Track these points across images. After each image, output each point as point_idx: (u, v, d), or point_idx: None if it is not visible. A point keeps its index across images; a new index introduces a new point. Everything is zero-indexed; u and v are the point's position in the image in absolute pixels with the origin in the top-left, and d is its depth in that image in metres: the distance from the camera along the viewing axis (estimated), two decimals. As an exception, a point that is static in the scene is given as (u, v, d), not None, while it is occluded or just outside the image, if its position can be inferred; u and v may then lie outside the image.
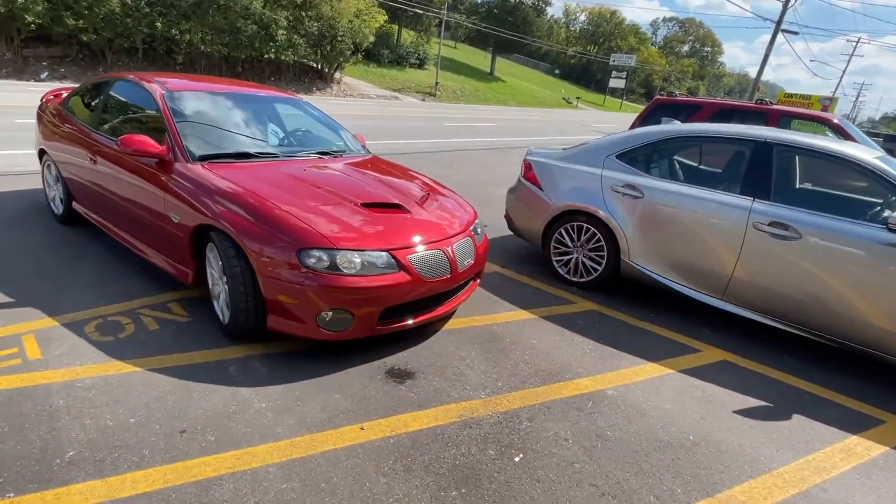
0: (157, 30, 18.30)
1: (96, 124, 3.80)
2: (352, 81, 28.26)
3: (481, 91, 37.70)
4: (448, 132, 14.70)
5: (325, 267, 2.51)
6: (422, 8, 33.69)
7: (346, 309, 2.56)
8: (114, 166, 3.43)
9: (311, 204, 2.82)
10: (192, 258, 2.97)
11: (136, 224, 3.39)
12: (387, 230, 2.81)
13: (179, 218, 2.92)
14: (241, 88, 4.15)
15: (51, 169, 4.41)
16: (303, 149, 3.82)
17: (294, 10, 21.89)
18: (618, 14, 70.94)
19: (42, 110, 4.65)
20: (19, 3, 14.96)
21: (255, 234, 2.59)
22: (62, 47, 17.73)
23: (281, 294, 2.55)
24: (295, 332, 2.64)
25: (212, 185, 2.85)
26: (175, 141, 3.12)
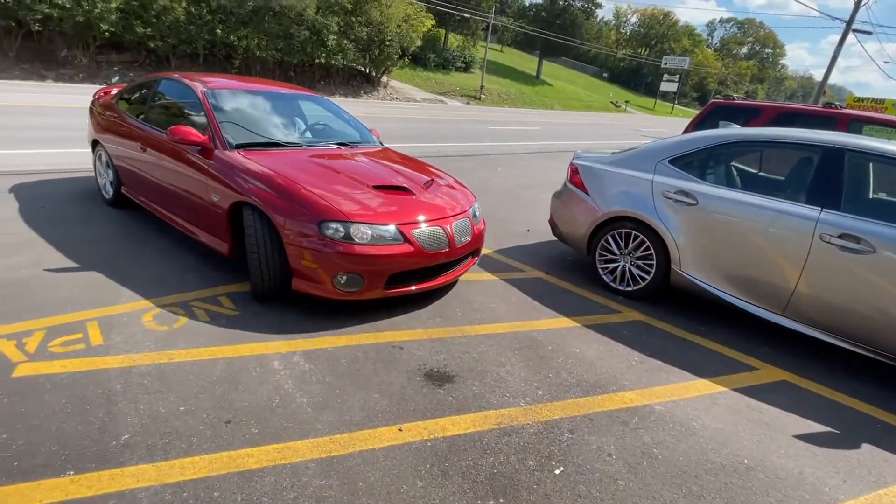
0: (217, 36, 19.25)
1: (145, 117, 4.28)
2: (398, 85, 28.71)
3: (527, 94, 37.38)
4: (492, 136, 14.64)
5: (341, 237, 2.96)
6: (469, 11, 33.79)
7: (358, 273, 3.01)
8: (162, 154, 3.88)
9: (329, 185, 3.27)
10: (229, 232, 3.39)
11: (179, 204, 3.82)
12: (394, 208, 3.25)
13: (219, 197, 3.36)
14: (271, 87, 4.66)
15: (102, 158, 4.83)
16: (324, 139, 4.35)
17: (345, 15, 22.47)
18: (671, 15, 68.66)
19: (94, 105, 5.13)
20: (96, 12, 16.10)
21: (283, 208, 3.03)
22: (132, 53, 18.95)
23: (303, 260, 3.01)
24: (315, 291, 3.08)
25: (246, 169, 3.29)
26: (215, 131, 3.59)
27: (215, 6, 18.95)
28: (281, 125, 4.16)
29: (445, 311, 3.49)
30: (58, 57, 17.02)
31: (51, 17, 15.60)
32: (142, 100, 4.54)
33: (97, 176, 5.04)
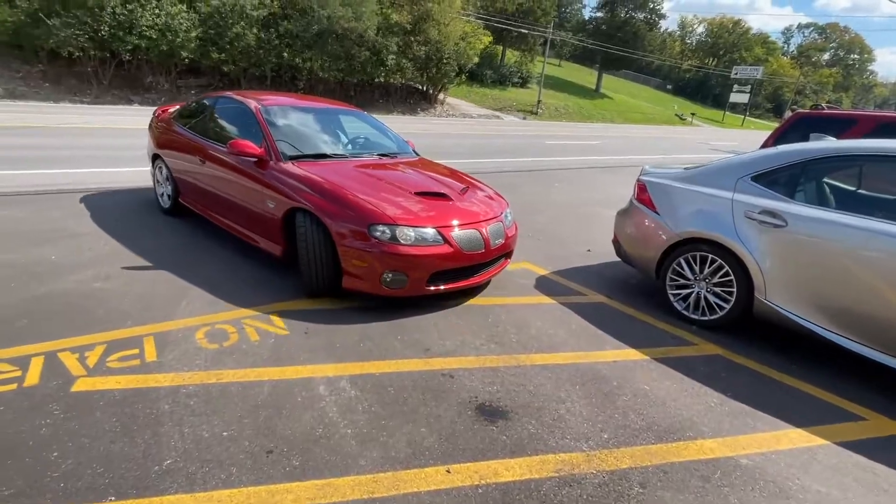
0: (283, 59, 20.30)
1: (204, 133, 4.59)
2: (454, 101, 28.98)
3: (585, 108, 36.59)
4: (550, 150, 14.31)
5: (388, 238, 3.22)
6: (527, 27, 33.72)
7: (403, 271, 3.24)
8: (220, 167, 4.21)
9: (376, 192, 3.55)
10: (282, 236, 3.68)
11: (235, 211, 4.13)
12: (434, 213, 3.49)
13: (274, 204, 3.65)
14: (316, 103, 4.98)
15: (161, 171, 5.16)
16: (366, 150, 4.63)
17: (404, 35, 23.03)
18: (742, 23, 65.25)
19: (153, 123, 5.51)
20: (178, 41, 17.47)
21: (335, 213, 3.31)
22: (207, 77, 20.35)
23: (354, 260, 3.28)
24: (363, 288, 3.35)
25: (299, 178, 3.60)
26: (270, 144, 3.91)
27: (283, 31, 20.00)
28: (327, 138, 4.52)
29: (500, 336, 3.28)
30: (144, 83, 18.56)
31: (139, 47, 17.08)
32: (200, 117, 4.85)
33: (155, 187, 5.36)
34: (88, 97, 17.05)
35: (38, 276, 3.53)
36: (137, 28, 16.66)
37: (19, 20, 15.89)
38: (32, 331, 2.83)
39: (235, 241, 4.55)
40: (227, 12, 18.26)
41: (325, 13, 19.40)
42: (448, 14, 23.57)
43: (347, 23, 20.03)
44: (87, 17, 15.98)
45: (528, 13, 34.13)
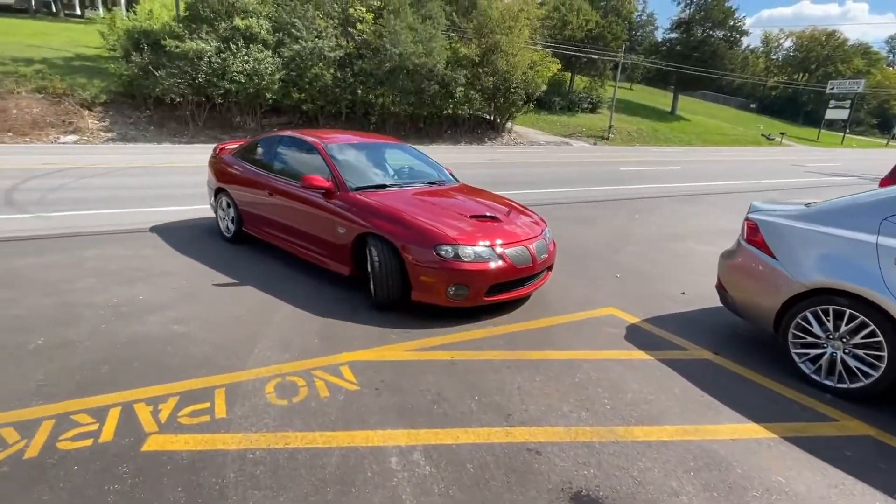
0: (357, 96, 21.26)
1: (270, 168, 5.05)
2: (521, 130, 28.84)
3: (660, 131, 35.04)
4: (625, 178, 13.60)
5: (451, 256, 3.64)
6: (597, 53, 33.17)
7: (466, 284, 3.66)
8: (289, 198, 4.65)
9: (436, 216, 4.01)
10: (351, 258, 4.15)
11: (304, 238, 4.60)
12: (488, 233, 3.92)
13: (344, 230, 4.11)
14: (368, 138, 5.49)
15: (224, 204, 5.58)
16: (415, 179, 5.04)
17: (472, 67, 23.39)
18: (837, 35, 60.21)
19: (214, 159, 5.93)
20: (263, 84, 18.86)
21: (404, 236, 3.76)
22: (288, 116, 21.73)
23: (422, 276, 3.70)
24: (430, 300, 3.76)
25: (368, 206, 4.07)
26: (337, 178, 4.37)
27: (357, 70, 21.01)
28: (380, 169, 4.99)
29: (591, 401, 2.87)
30: (232, 123, 20.13)
31: (230, 91, 18.61)
32: (265, 154, 5.28)
33: (218, 218, 5.78)
34: (185, 137, 18.73)
35: (124, 317, 3.64)
36: (229, 74, 18.20)
37: (133, 73, 17.94)
38: (113, 378, 2.84)
39: (307, 280, 4.52)
40: (306, 55, 19.50)
41: (397, 51, 20.17)
42: (516, 44, 23.68)
43: (418, 59, 20.68)
44: (187, 66, 17.71)
45: (598, 39, 33.60)
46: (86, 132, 17.81)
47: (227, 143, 6.33)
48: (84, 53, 22.76)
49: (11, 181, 8.73)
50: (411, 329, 3.67)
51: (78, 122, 18.08)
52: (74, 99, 18.48)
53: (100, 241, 5.45)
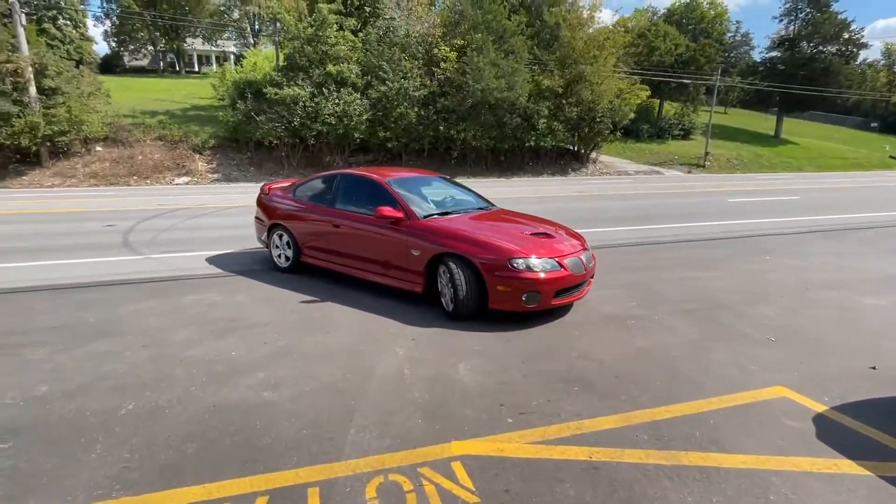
0: (440, 132, 21.50)
1: (332, 202, 5.55)
2: (607, 159, 27.59)
3: (765, 157, 31.97)
4: (736, 210, 12.12)
5: (524, 268, 4.18)
6: (689, 77, 31.31)
7: (537, 291, 4.20)
8: (355, 228, 5.21)
9: (503, 235, 4.57)
10: (424, 277, 4.67)
11: (372, 262, 5.12)
12: (548, 246, 4.51)
13: (419, 252, 4.64)
14: (415, 173, 6.19)
15: (280, 237, 5.99)
16: (464, 206, 5.58)
17: (555, 98, 22.87)
18: (978, 41, 52.28)
19: (265, 198, 6.30)
20: (352, 125, 19.65)
21: (481, 253, 4.29)
22: (374, 153, 22.43)
23: (499, 286, 4.21)
24: (507, 307, 4.28)
25: (442, 230, 4.65)
26: (406, 208, 4.91)
27: (440, 107, 21.31)
28: (433, 198, 5.48)
29: (799, 542, 2.05)
30: (323, 161, 21.09)
31: (322, 132, 19.58)
32: (325, 190, 5.76)
33: (272, 251, 6.13)
34: (281, 176, 19.86)
35: (216, 377, 3.38)
36: (321, 116, 19.18)
37: (238, 120, 19.50)
38: (197, 462, 2.50)
39: (397, 329, 4.07)
40: (392, 96, 20.11)
41: (479, 87, 20.20)
42: (602, 73, 22.87)
43: (500, 93, 20.56)
44: (284, 111, 18.93)
45: (689, 63, 31.80)
46: (196, 174, 19.50)
47: (274, 183, 6.69)
48: (198, 104, 25.35)
49: (131, 222, 9.42)
50: (527, 408, 3.05)
51: (190, 164, 19.88)
52: (188, 144, 20.42)
53: (199, 287, 5.45)
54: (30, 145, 17.32)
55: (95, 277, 5.77)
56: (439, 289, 4.63)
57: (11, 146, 17.14)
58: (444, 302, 4.55)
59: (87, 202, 12.74)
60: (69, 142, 18.26)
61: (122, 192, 15.93)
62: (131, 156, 19.49)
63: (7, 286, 5.46)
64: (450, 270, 4.36)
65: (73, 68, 19.18)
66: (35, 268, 6.25)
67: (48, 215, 10.66)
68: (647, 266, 6.57)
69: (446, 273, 4.43)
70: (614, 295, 5.33)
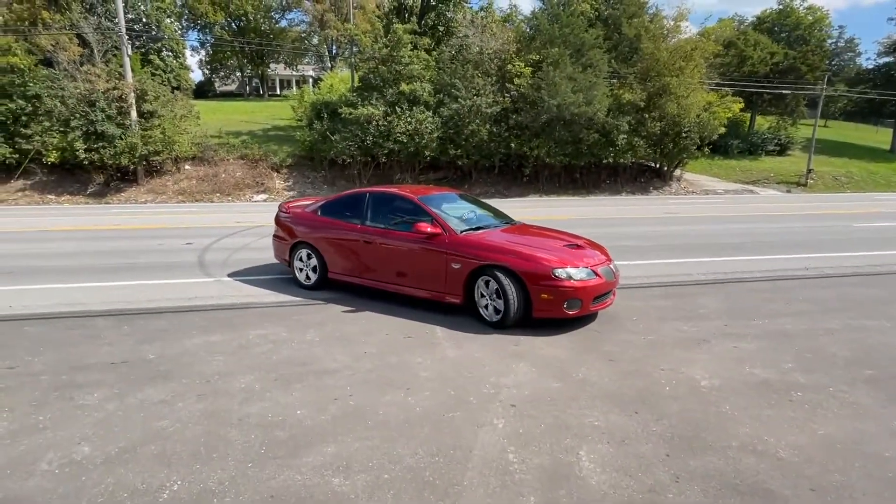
0: (511, 149, 20.74)
1: (363, 220, 5.59)
2: (692, 177, 25.47)
3: (879, 174, 28.24)
4: (868, 239, 10.18)
5: (565, 277, 4.47)
6: (789, 87, 28.45)
7: (578, 298, 4.50)
8: (394, 243, 5.27)
9: (541, 247, 4.87)
10: (464, 289, 4.84)
11: (408, 277, 5.21)
12: (582, 257, 4.80)
13: (459, 265, 4.80)
14: (438, 191, 6.30)
15: (305, 256, 5.98)
16: (490, 220, 5.70)
17: (636, 113, 21.42)
18: None
19: (286, 218, 6.27)
20: (423, 143, 19.40)
21: (524, 264, 4.56)
22: (444, 171, 22.08)
23: (542, 294, 4.49)
24: (551, 315, 4.57)
25: (482, 244, 4.86)
26: (443, 224, 5.06)
27: (512, 123, 20.59)
28: (463, 214, 5.63)
29: None
30: (393, 179, 21.01)
31: (393, 150, 19.49)
32: (355, 208, 5.73)
33: (296, 271, 6.06)
34: (351, 195, 20.01)
35: (277, 448, 2.76)
36: (393, 135, 19.11)
37: (314, 139, 19.90)
38: None
39: (491, 409, 3.26)
40: (464, 113, 19.68)
41: (555, 102, 19.28)
42: (688, 85, 21.14)
43: (577, 108, 19.50)
44: (358, 130, 19.05)
45: (787, 72, 28.95)
46: (273, 191, 20.06)
47: (292, 202, 6.68)
48: (278, 125, 26.43)
49: (209, 239, 9.43)
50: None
51: (268, 182, 20.51)
52: (267, 163, 21.13)
53: (266, 318, 4.99)
54: (129, 164, 18.61)
55: (166, 302, 5.51)
56: (476, 300, 4.81)
57: (113, 165, 18.51)
58: (486, 313, 4.75)
59: (173, 218, 13.21)
60: (162, 161, 19.46)
61: (206, 207, 16.56)
62: (216, 174, 20.44)
63: (82, 308, 5.30)
64: (498, 281, 4.55)
65: (168, 93, 20.53)
66: (114, 288, 6.15)
67: (137, 231, 11.02)
68: (788, 311, 5.33)
69: (490, 284, 4.65)
70: (759, 350, 4.22)
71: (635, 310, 5.31)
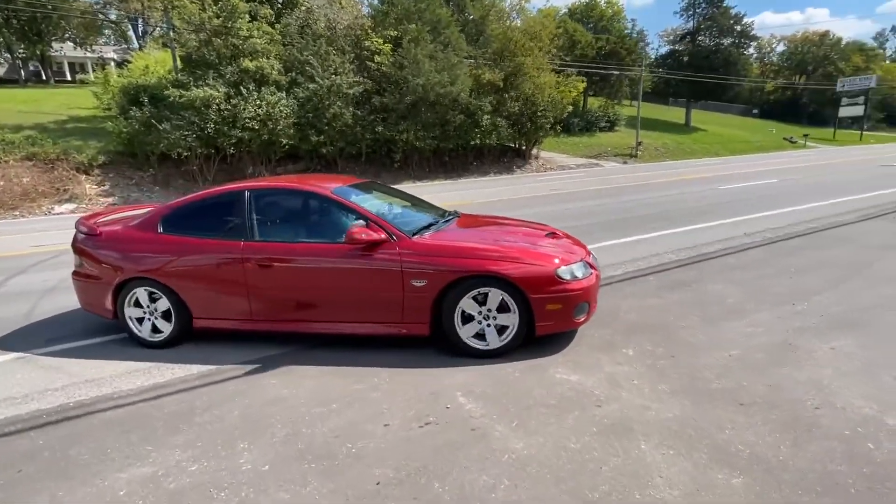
0: (378, 134, 19.38)
1: (252, 231, 3.88)
2: (547, 155, 27.05)
3: (685, 145, 33.45)
4: (743, 203, 10.58)
5: (569, 277, 3.53)
6: (617, 69, 31.85)
7: (586, 300, 3.61)
8: (303, 262, 3.75)
9: (525, 242, 3.88)
10: (431, 312, 3.58)
11: (336, 308, 3.78)
12: (570, 249, 3.91)
13: (424, 282, 3.52)
14: (344, 180, 4.62)
15: (142, 296, 4.07)
16: (435, 216, 4.38)
17: (496, 93, 21.69)
18: (830, 35, 60.01)
19: (89, 241, 4.23)
20: (278, 129, 16.91)
21: (519, 269, 3.45)
22: (305, 162, 19.76)
23: (548, 305, 3.46)
24: (559, 328, 3.66)
25: (451, 249, 3.64)
26: (386, 225, 3.69)
27: (378, 105, 19.20)
28: (390, 207, 4.41)
29: None
30: (245, 174, 18.09)
31: (242, 139, 16.63)
32: (228, 215, 3.97)
33: (130, 323, 4.12)
34: (196, 196, 16.66)
35: None
36: (240, 121, 16.28)
37: (134, 130, 15.94)
38: None
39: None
40: (323, 94, 17.69)
41: (420, 81, 18.39)
42: (541, 64, 22.08)
43: (443, 88, 18.90)
44: (194, 117, 15.78)
45: (610, 55, 32.39)
46: (83, 199, 15.67)
47: (97, 215, 4.72)
48: (78, 115, 20.92)
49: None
50: None
51: (74, 188, 15.97)
52: (69, 164, 16.43)
53: (140, 426, 3.12)
54: None
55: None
56: (455, 326, 3.55)
57: None
58: (474, 343, 3.57)
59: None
60: None
61: (-22, 230, 12.02)
62: (-12, 182, 15.21)
63: None
64: (486, 295, 3.50)
65: None
66: None
67: None
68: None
69: (484, 300, 3.52)
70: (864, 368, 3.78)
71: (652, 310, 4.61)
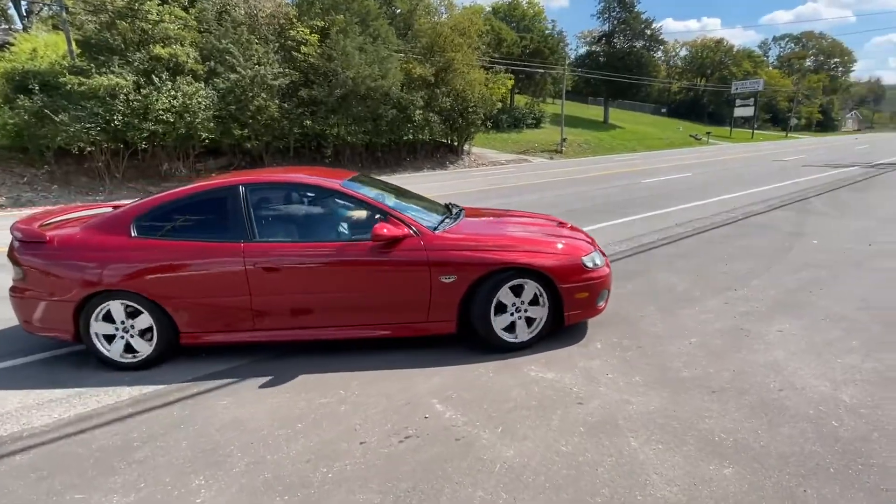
0: (307, 128, 18.64)
1: (252, 231, 3.55)
2: (478, 151, 27.48)
3: (605, 141, 35.43)
4: (669, 195, 11.18)
5: (593, 265, 3.67)
6: (542, 67, 32.94)
7: (607, 287, 3.81)
8: (318, 263, 3.50)
9: (547, 233, 4.01)
10: (459, 308, 3.51)
11: (355, 310, 3.58)
12: (583, 237, 4.07)
13: (454, 278, 3.45)
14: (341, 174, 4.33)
15: (116, 312, 3.52)
16: (438, 209, 4.30)
17: (427, 88, 21.65)
18: (724, 42, 66.27)
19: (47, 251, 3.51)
20: (197, 122, 15.71)
21: (551, 260, 3.54)
22: (228, 157, 18.57)
23: (577, 294, 3.57)
24: (586, 316, 3.80)
25: (483, 241, 3.61)
26: (408, 220, 3.55)
27: (306, 98, 18.45)
28: (397, 200, 4.18)
29: None
30: (160, 171, 16.69)
31: (156, 133, 15.27)
32: (222, 216, 3.62)
33: (96, 342, 3.52)
34: (102, 194, 15.04)
35: None
36: (153, 113, 14.90)
37: (23, 121, 14.04)
38: None
39: None
40: (246, 85, 16.68)
41: (350, 74, 17.90)
42: (470, 60, 22.34)
43: (374, 81, 18.54)
44: (98, 107, 14.21)
45: (535, 54, 33.48)
46: (-40, 201, 13.61)
47: (35, 220, 3.87)
48: (-54, 103, 18.08)
49: None
50: None
51: (-54, 189, 13.83)
52: (-62, 160, 14.20)
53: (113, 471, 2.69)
54: None
55: None
56: (490, 320, 3.52)
57: None
58: (506, 336, 3.56)
59: None
60: None
61: None
62: None
63: None
64: (529, 289, 3.52)
65: None
66: None
67: None
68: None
69: (509, 295, 3.53)
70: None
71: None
